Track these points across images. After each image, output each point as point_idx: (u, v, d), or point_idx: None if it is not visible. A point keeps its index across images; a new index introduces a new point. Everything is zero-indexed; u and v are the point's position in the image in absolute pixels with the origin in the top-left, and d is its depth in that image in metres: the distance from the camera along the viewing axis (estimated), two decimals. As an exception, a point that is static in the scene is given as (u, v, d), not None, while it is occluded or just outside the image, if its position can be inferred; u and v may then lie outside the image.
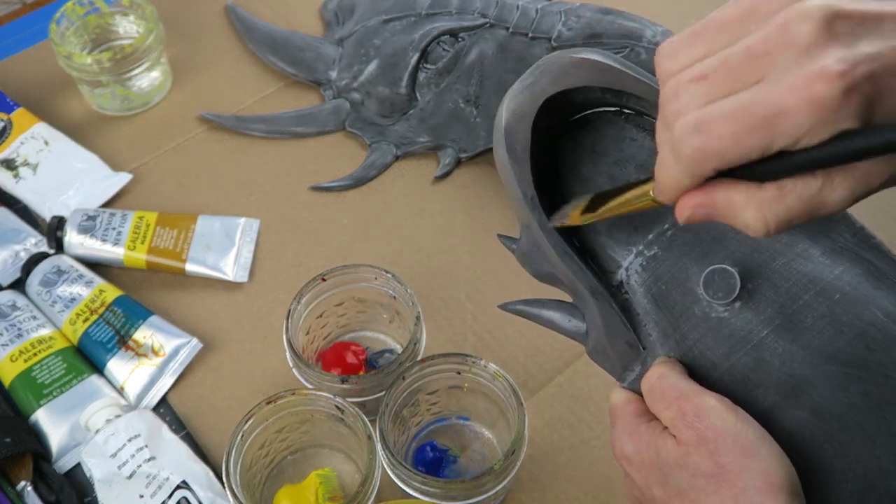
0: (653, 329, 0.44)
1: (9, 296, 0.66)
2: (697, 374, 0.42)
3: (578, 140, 0.48)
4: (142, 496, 0.55)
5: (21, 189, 0.74)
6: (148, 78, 0.79)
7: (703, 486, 0.38)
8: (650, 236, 0.45)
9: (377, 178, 0.76)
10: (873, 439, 0.38)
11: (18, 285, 0.69)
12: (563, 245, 0.46)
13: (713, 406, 0.39)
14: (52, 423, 0.61)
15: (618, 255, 0.46)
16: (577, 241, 0.48)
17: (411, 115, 0.77)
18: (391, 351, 0.65)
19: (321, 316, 0.62)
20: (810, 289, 0.41)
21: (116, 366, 0.63)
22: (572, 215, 0.44)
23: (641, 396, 0.43)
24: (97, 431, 0.58)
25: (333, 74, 0.81)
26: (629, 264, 0.46)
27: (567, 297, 0.49)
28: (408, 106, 0.77)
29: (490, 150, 0.76)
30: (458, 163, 0.76)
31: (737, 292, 0.41)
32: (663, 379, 0.41)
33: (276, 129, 0.78)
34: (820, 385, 0.39)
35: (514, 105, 0.46)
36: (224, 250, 0.69)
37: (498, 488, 0.52)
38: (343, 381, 0.56)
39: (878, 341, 0.39)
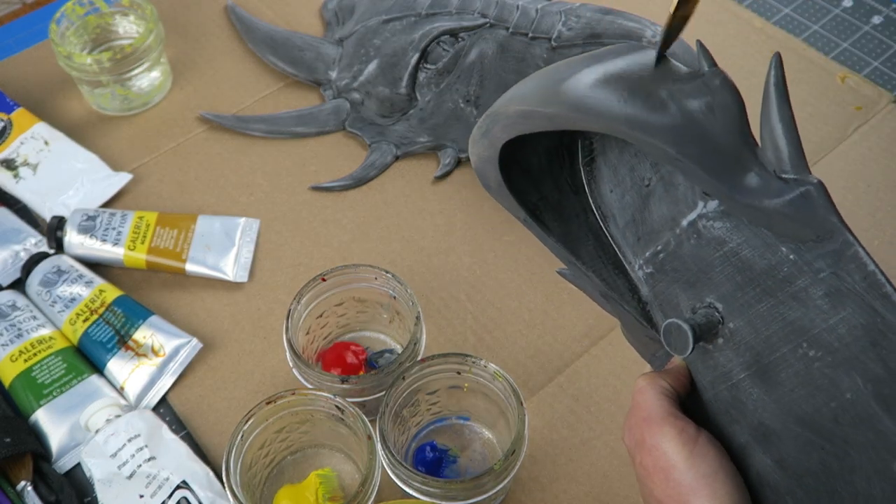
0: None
1: (9, 296, 0.66)
2: (696, 387, 0.43)
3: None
4: (142, 496, 0.55)
5: (21, 189, 0.74)
6: (148, 78, 0.79)
7: None
8: (647, 254, 0.45)
9: (377, 178, 0.76)
10: None
11: (18, 285, 0.69)
12: (565, 253, 0.46)
13: (671, 437, 0.40)
14: (52, 423, 0.61)
15: (630, 257, 0.47)
16: (608, 232, 0.47)
17: (411, 115, 0.77)
18: (391, 351, 0.65)
19: (321, 316, 0.62)
20: (791, 340, 0.38)
21: (116, 366, 0.63)
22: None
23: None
24: (97, 431, 0.58)
25: (333, 74, 0.81)
26: (638, 270, 0.46)
27: None
28: (408, 106, 0.77)
29: None
30: (458, 163, 0.76)
31: (689, 350, 0.39)
32: (639, 394, 0.42)
33: (276, 129, 0.78)
34: (786, 441, 0.39)
35: (476, 151, 0.46)
36: (224, 250, 0.69)
37: (498, 488, 0.52)
38: (343, 381, 0.56)
39: (848, 415, 0.36)
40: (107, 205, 0.73)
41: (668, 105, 0.37)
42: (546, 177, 0.48)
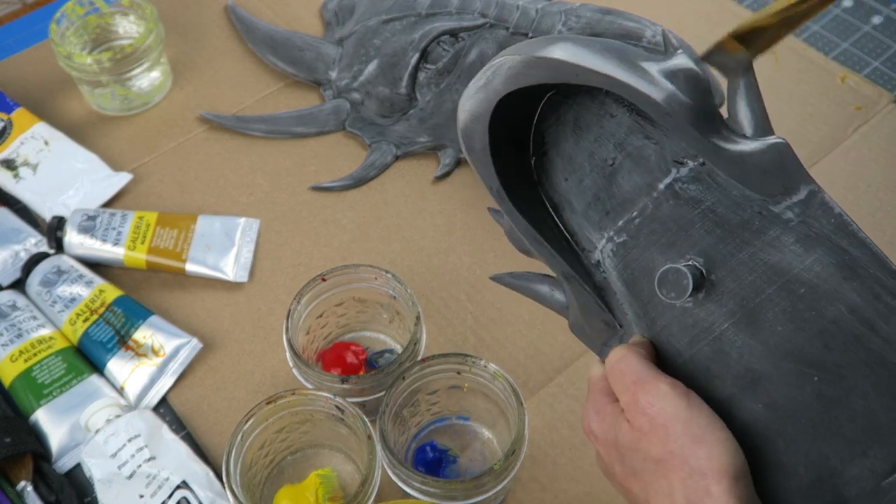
0: (628, 309, 0.45)
1: (9, 296, 0.66)
2: (664, 358, 0.43)
3: (564, 114, 0.48)
4: (142, 496, 0.55)
5: (21, 189, 0.74)
6: (148, 78, 0.79)
7: (654, 470, 0.40)
8: (619, 223, 0.46)
9: (377, 178, 0.76)
10: (823, 438, 0.39)
11: (18, 285, 0.69)
12: (532, 233, 0.47)
13: (665, 392, 0.40)
14: (52, 423, 0.61)
15: (593, 237, 0.47)
16: (560, 220, 0.48)
17: (411, 115, 0.77)
18: (391, 351, 0.65)
19: (321, 316, 0.62)
20: (775, 282, 0.40)
21: (116, 366, 0.63)
22: (725, 40, 0.40)
23: None
24: (97, 431, 0.58)
25: (333, 74, 0.81)
26: (602, 247, 0.46)
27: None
28: (408, 106, 0.77)
29: None
30: (458, 163, 0.76)
31: (689, 292, 0.41)
32: (622, 361, 0.42)
33: (276, 129, 0.78)
34: (776, 381, 0.40)
35: (469, 106, 0.46)
36: (224, 250, 0.69)
37: (498, 488, 0.52)
38: (343, 381, 0.56)
39: (838, 340, 0.38)
40: (107, 205, 0.73)
41: (661, 73, 0.41)
42: (509, 163, 0.48)
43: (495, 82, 0.44)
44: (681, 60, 0.42)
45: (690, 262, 0.42)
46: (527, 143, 0.49)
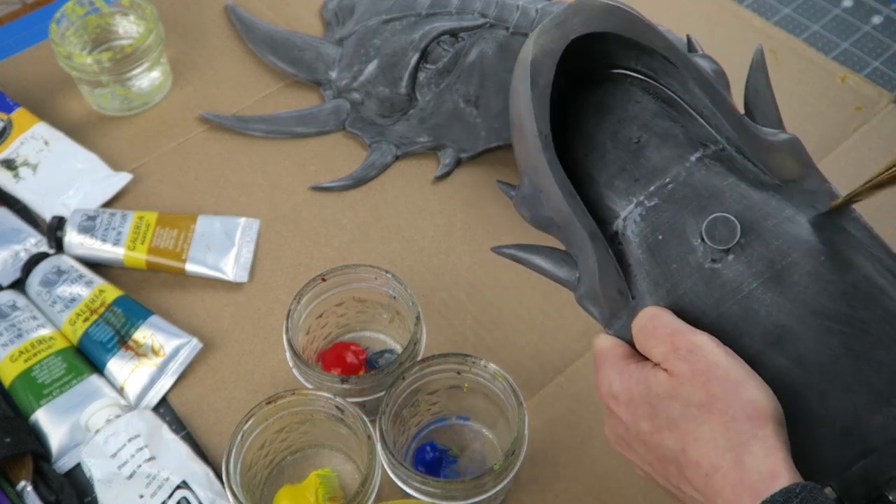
0: (643, 279, 0.46)
1: (9, 296, 0.66)
2: (686, 320, 0.44)
3: (585, 98, 0.50)
4: (142, 496, 0.55)
5: (21, 189, 0.74)
6: (148, 78, 0.79)
7: (695, 416, 0.40)
8: (651, 188, 0.47)
9: (377, 178, 0.76)
10: (851, 389, 0.40)
11: (18, 285, 0.69)
12: (569, 186, 0.47)
13: (704, 342, 0.41)
14: (52, 423, 0.61)
15: (617, 205, 0.48)
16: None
17: (411, 115, 0.77)
18: (391, 351, 0.65)
19: (321, 316, 0.62)
20: (798, 248, 0.43)
21: (116, 366, 0.63)
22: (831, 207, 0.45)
23: (627, 343, 0.46)
24: (97, 431, 0.58)
25: (333, 74, 0.81)
26: (628, 214, 0.47)
27: (559, 246, 0.51)
28: (408, 106, 0.77)
29: (490, 150, 0.76)
30: (458, 163, 0.76)
31: (737, 239, 0.43)
32: (655, 318, 0.43)
33: (277, 129, 0.78)
34: (804, 336, 0.41)
35: (543, 41, 0.47)
36: (224, 250, 0.69)
37: (498, 488, 0.52)
38: (343, 381, 0.56)
39: (859, 299, 0.41)
40: (107, 205, 0.73)
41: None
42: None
43: (574, 21, 0.47)
44: (708, 63, 0.49)
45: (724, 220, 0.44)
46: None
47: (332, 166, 0.76)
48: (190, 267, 0.68)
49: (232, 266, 0.69)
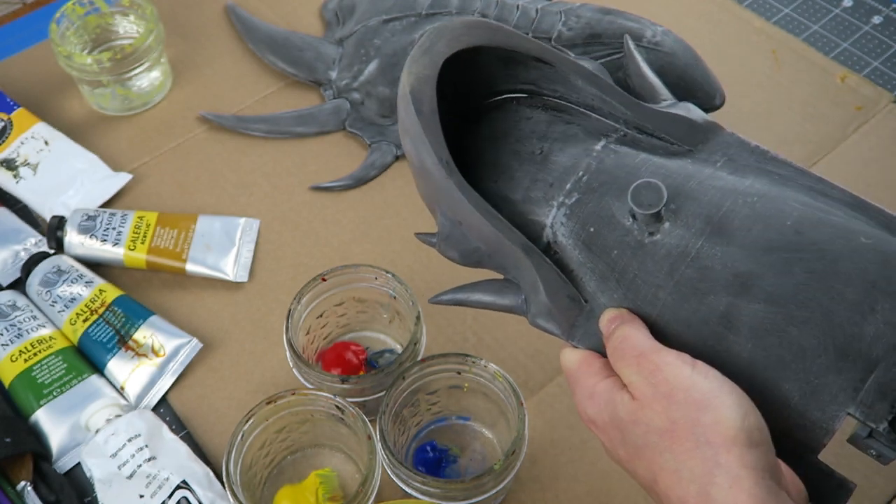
0: (590, 279, 0.45)
1: (9, 296, 0.66)
2: (645, 301, 0.43)
3: (476, 131, 0.51)
4: (142, 496, 0.55)
5: (21, 189, 0.74)
6: (148, 78, 0.79)
7: (657, 443, 0.38)
8: (567, 186, 0.47)
9: (377, 178, 0.76)
10: (830, 310, 0.39)
11: (18, 285, 0.69)
12: (486, 205, 0.47)
13: (669, 361, 0.40)
14: (52, 423, 0.61)
15: (540, 215, 0.48)
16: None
17: None
18: (391, 351, 0.65)
19: (321, 316, 0.62)
20: (728, 197, 0.43)
21: (116, 366, 0.63)
22: None
23: (593, 352, 0.45)
24: (97, 431, 0.58)
25: (333, 74, 0.81)
26: (553, 219, 0.47)
27: (495, 276, 0.50)
28: None
29: None
30: None
31: (664, 200, 0.42)
32: (625, 341, 0.42)
33: (277, 129, 0.78)
34: (765, 275, 0.41)
35: (416, 69, 0.48)
36: (224, 250, 0.69)
37: (498, 488, 0.52)
38: (343, 381, 0.56)
39: (805, 224, 0.41)
40: (107, 205, 0.73)
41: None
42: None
43: (439, 45, 0.47)
44: (588, 62, 0.52)
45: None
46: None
47: (332, 166, 0.76)
48: (190, 267, 0.68)
49: (232, 266, 0.69)
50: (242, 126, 0.78)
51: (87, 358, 0.64)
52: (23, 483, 0.58)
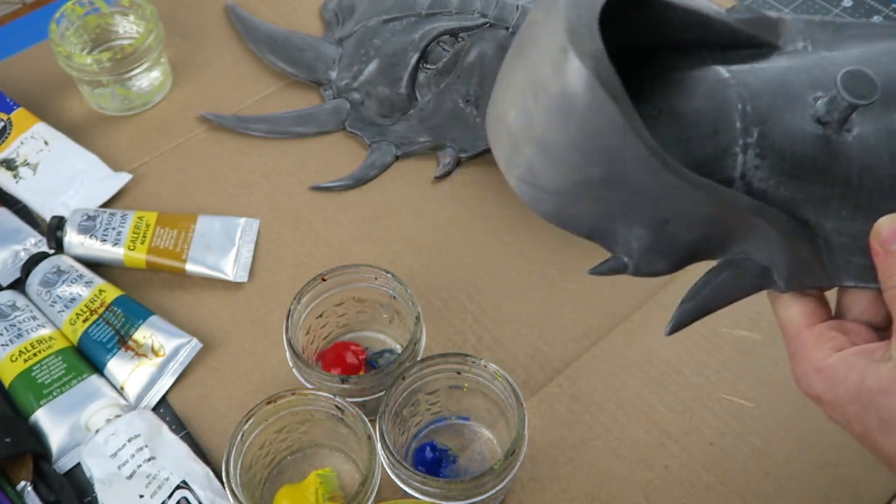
0: (809, 212, 0.39)
1: (9, 296, 0.66)
2: (883, 197, 0.39)
3: (662, 80, 0.43)
4: (142, 496, 0.55)
5: (21, 189, 0.74)
6: (148, 78, 0.79)
7: None
8: (736, 125, 0.39)
9: (377, 178, 0.76)
10: None
11: (18, 285, 0.69)
12: (705, 181, 0.37)
13: None
14: (52, 423, 0.61)
15: (724, 170, 0.40)
16: None
17: (411, 115, 0.77)
18: (391, 351, 0.65)
19: (321, 316, 0.62)
20: (869, 65, 0.38)
21: (116, 366, 0.63)
22: None
23: (820, 305, 0.40)
24: (97, 431, 0.58)
25: (333, 74, 0.81)
26: (744, 167, 0.39)
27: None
28: (408, 106, 0.77)
29: (489, 151, 0.76)
30: (459, 163, 0.76)
31: (878, 93, 0.37)
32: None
33: (277, 129, 0.78)
34: None
35: (586, 47, 0.35)
36: (224, 250, 0.69)
37: (498, 488, 0.52)
38: (343, 381, 0.56)
39: None
40: (107, 205, 0.73)
41: None
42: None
43: (584, 13, 0.36)
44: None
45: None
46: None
47: (332, 166, 0.76)
48: (190, 267, 0.68)
49: (232, 266, 0.69)
50: (242, 126, 0.78)
51: (86, 358, 0.64)
52: (23, 483, 0.58)
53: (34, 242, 0.70)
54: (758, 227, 0.38)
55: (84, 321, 0.64)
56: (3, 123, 0.76)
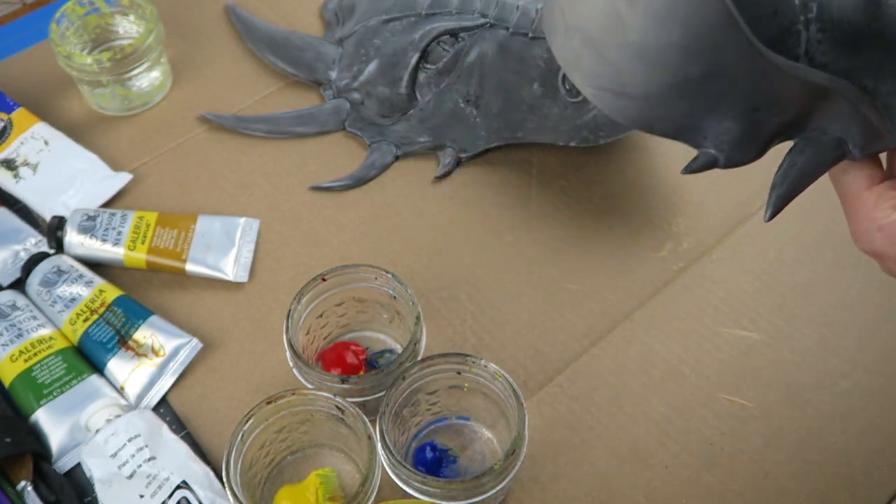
0: (867, 79, 0.40)
1: (9, 296, 0.66)
2: None
3: None
4: (142, 496, 0.55)
5: (21, 189, 0.74)
6: (148, 78, 0.79)
7: None
8: (796, 1, 0.40)
9: (377, 178, 0.76)
10: None
11: (18, 285, 0.69)
12: (792, 62, 0.38)
13: None
14: (52, 423, 0.61)
15: (791, 48, 0.40)
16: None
17: (411, 115, 0.77)
18: (391, 351, 0.65)
19: (321, 316, 0.62)
20: None
21: (116, 366, 0.63)
22: None
23: (879, 168, 0.41)
24: (97, 431, 0.58)
25: (333, 74, 0.81)
26: (807, 44, 0.40)
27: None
28: (408, 106, 0.77)
29: (490, 150, 0.76)
30: (459, 163, 0.76)
31: None
32: None
33: (277, 129, 0.78)
34: None
35: None
36: (224, 250, 0.69)
37: (498, 488, 0.52)
38: (343, 381, 0.56)
39: None
40: (107, 205, 0.73)
41: None
42: None
43: None
44: None
45: None
46: None
47: (332, 166, 0.76)
48: (190, 267, 0.68)
49: (232, 266, 0.69)
50: (242, 126, 0.78)
51: (87, 358, 0.64)
52: (23, 483, 0.58)
53: (34, 242, 0.70)
54: (832, 101, 0.39)
55: (84, 321, 0.64)
56: (3, 123, 0.76)
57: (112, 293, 0.66)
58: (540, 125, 0.72)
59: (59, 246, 0.69)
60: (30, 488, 0.57)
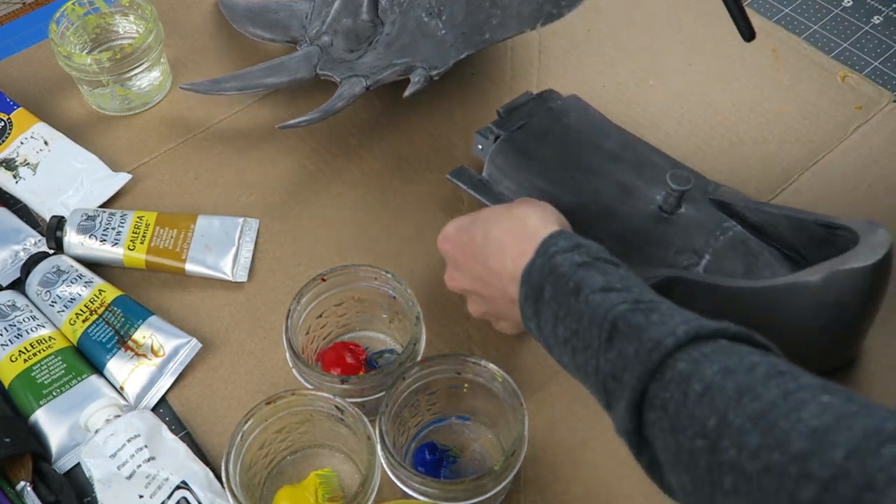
0: None
1: (8, 296, 0.66)
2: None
3: None
4: (141, 496, 0.55)
5: (21, 189, 0.74)
6: (148, 78, 0.79)
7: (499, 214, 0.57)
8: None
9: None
10: None
11: (18, 285, 0.69)
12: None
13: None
14: (51, 423, 0.61)
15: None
16: None
17: (377, 42, 0.76)
18: (391, 351, 0.64)
19: (321, 316, 0.62)
20: None
21: (116, 366, 0.63)
22: None
23: None
24: (97, 431, 0.58)
25: (307, 29, 0.80)
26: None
27: None
28: (373, 33, 0.76)
29: (459, 66, 0.74)
30: (430, 80, 0.73)
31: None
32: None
33: (248, 83, 0.76)
34: None
35: None
36: (224, 250, 0.69)
37: (498, 489, 0.52)
38: (343, 382, 0.56)
39: None
40: (106, 205, 0.73)
41: None
42: None
43: None
44: None
45: None
46: None
47: (332, 166, 0.76)
48: (190, 267, 0.68)
49: (231, 266, 0.69)
50: (216, 88, 0.76)
51: (86, 358, 0.64)
52: (22, 483, 0.57)
53: (34, 242, 0.70)
54: None
55: (84, 321, 0.64)
56: (3, 123, 0.76)
57: (111, 293, 0.66)
58: (504, 18, 0.71)
59: (58, 246, 0.69)
60: (29, 488, 0.57)
